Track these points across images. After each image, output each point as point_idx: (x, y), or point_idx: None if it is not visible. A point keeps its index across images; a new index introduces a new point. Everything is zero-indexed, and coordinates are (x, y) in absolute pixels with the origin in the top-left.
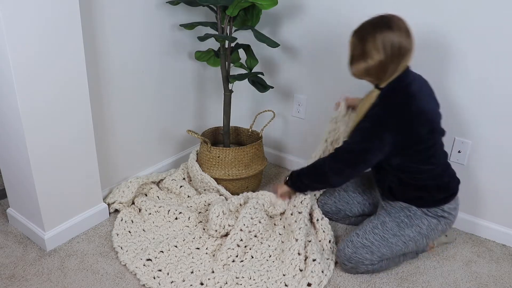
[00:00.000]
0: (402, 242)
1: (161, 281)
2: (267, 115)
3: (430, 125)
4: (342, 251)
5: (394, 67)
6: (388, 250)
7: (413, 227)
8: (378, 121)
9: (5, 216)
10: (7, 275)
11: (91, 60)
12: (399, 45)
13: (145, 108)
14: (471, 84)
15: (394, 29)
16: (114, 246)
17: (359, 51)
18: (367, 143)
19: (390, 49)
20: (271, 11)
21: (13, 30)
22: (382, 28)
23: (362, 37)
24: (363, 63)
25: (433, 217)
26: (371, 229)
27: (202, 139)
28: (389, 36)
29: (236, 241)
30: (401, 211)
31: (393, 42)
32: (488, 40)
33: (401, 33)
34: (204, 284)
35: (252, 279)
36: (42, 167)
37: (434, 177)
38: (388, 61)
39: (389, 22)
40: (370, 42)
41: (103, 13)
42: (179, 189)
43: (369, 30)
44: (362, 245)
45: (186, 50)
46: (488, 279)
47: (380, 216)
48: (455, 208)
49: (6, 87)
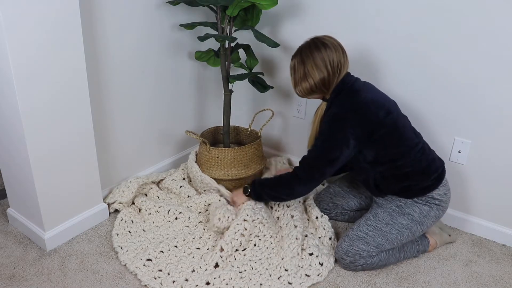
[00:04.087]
0: (395, 230)
1: (163, 281)
2: (267, 115)
3: (384, 109)
4: (339, 246)
5: (335, 80)
6: (384, 239)
7: (405, 215)
8: (334, 118)
9: (5, 216)
10: (7, 275)
11: (91, 60)
12: (337, 60)
13: (145, 108)
14: (471, 84)
15: (330, 47)
16: (114, 246)
17: (301, 73)
18: (331, 142)
19: (330, 65)
20: (271, 11)
21: (14, 30)
22: (319, 48)
23: (302, 60)
24: (306, 83)
25: (424, 204)
26: (364, 221)
27: (200, 139)
28: (328, 54)
29: (240, 231)
30: (392, 202)
31: (332, 59)
32: (478, 40)
33: (336, 49)
34: (210, 283)
35: (254, 269)
36: (42, 167)
37: (412, 163)
38: (330, 76)
39: (324, 41)
40: (310, 63)
41: (103, 13)
42: (179, 189)
43: (307, 52)
44: (357, 237)
45: (186, 50)
46: (488, 279)
47: (372, 209)
48: (445, 194)
49: (7, 87)
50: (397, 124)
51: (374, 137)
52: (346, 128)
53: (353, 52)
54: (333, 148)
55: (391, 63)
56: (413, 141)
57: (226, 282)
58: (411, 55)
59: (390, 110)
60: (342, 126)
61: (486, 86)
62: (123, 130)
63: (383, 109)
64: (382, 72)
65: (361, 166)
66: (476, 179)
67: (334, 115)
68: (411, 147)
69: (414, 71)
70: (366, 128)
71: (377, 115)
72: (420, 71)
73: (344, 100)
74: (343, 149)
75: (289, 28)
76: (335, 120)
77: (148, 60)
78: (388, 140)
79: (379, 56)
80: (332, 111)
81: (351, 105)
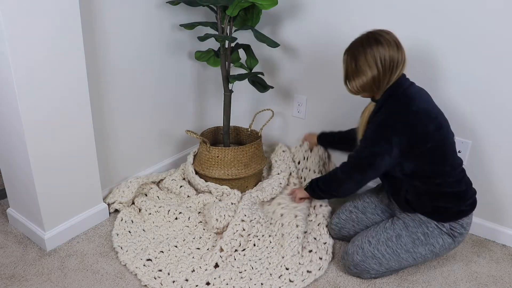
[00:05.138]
0: (412, 258)
1: (163, 281)
2: (267, 115)
3: (436, 122)
4: (350, 255)
5: (387, 80)
6: (397, 264)
7: (427, 245)
8: (382, 124)
9: (5, 216)
10: (7, 275)
11: (91, 60)
12: (390, 59)
13: (145, 108)
14: (471, 84)
15: (383, 43)
16: (114, 246)
17: (352, 69)
18: (375, 147)
19: (382, 63)
20: (271, 11)
21: (13, 28)
22: (371, 44)
23: (353, 55)
24: (357, 80)
25: (449, 236)
26: (385, 241)
27: (201, 139)
28: (380, 51)
29: (238, 232)
30: (419, 226)
31: (384, 56)
32: (480, 42)
33: (390, 46)
34: (210, 283)
35: (254, 268)
36: (42, 167)
37: (451, 183)
38: (381, 75)
39: (378, 37)
40: (361, 59)
41: (103, 13)
42: (179, 189)
43: (359, 48)
44: (372, 256)
45: (186, 50)
46: (488, 279)
47: (396, 227)
48: (469, 223)
49: (6, 87)
50: (445, 141)
51: (419, 150)
52: (392, 137)
53: None
54: (375, 155)
55: None
56: (457, 161)
57: (226, 282)
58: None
59: (442, 125)
60: (388, 134)
61: (486, 86)
62: (123, 130)
63: (435, 122)
64: None
65: (396, 175)
66: (476, 179)
67: (382, 122)
68: (454, 167)
69: (413, 71)
70: (412, 140)
71: (427, 128)
72: (420, 71)
73: (394, 106)
74: (385, 156)
75: (289, 28)
76: (382, 126)
77: (148, 60)
78: (432, 156)
79: None
80: (381, 116)
81: (402, 113)
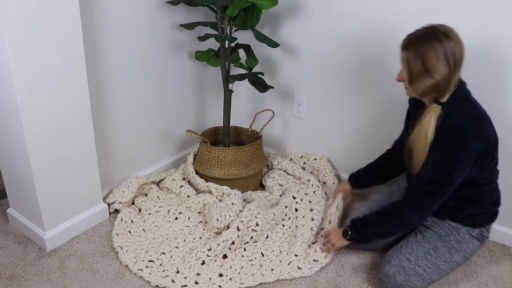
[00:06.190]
0: (450, 268)
1: (174, 279)
2: (267, 115)
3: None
4: (392, 277)
5: (456, 78)
6: (437, 277)
7: (460, 252)
8: (458, 131)
9: (5, 216)
10: (7, 275)
11: (91, 59)
12: (460, 55)
13: (145, 108)
14: (470, 84)
15: (452, 38)
16: (114, 246)
17: (419, 68)
18: (453, 160)
19: (453, 60)
20: (271, 11)
21: (14, 36)
22: (440, 38)
23: (419, 52)
24: (429, 80)
25: (477, 240)
26: (424, 255)
27: (201, 139)
28: (450, 46)
29: (252, 227)
30: (451, 234)
31: (454, 52)
32: (478, 41)
33: (458, 42)
34: (223, 275)
35: (265, 256)
36: (42, 167)
37: (492, 190)
38: (452, 74)
39: (445, 31)
40: (431, 56)
41: (103, 13)
42: (179, 189)
43: (424, 43)
44: (415, 273)
45: (186, 50)
46: (488, 279)
47: (430, 240)
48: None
49: (8, 89)
50: (497, 147)
51: (487, 158)
52: (472, 143)
53: (361, 51)
54: (455, 168)
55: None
56: (497, 167)
57: (238, 272)
58: None
59: (494, 130)
60: (468, 142)
61: (486, 86)
62: (123, 129)
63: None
64: (383, 72)
65: None
66: None
67: (458, 129)
68: (497, 174)
69: None
70: (485, 146)
71: (495, 133)
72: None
73: (465, 110)
74: (466, 168)
75: (289, 28)
76: (460, 132)
77: (148, 60)
78: (488, 164)
79: (379, 56)
80: (454, 122)
81: (476, 117)
